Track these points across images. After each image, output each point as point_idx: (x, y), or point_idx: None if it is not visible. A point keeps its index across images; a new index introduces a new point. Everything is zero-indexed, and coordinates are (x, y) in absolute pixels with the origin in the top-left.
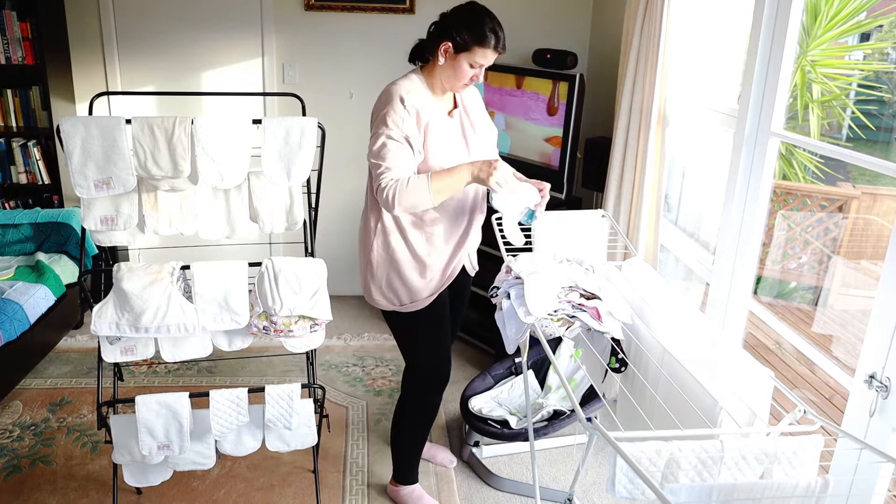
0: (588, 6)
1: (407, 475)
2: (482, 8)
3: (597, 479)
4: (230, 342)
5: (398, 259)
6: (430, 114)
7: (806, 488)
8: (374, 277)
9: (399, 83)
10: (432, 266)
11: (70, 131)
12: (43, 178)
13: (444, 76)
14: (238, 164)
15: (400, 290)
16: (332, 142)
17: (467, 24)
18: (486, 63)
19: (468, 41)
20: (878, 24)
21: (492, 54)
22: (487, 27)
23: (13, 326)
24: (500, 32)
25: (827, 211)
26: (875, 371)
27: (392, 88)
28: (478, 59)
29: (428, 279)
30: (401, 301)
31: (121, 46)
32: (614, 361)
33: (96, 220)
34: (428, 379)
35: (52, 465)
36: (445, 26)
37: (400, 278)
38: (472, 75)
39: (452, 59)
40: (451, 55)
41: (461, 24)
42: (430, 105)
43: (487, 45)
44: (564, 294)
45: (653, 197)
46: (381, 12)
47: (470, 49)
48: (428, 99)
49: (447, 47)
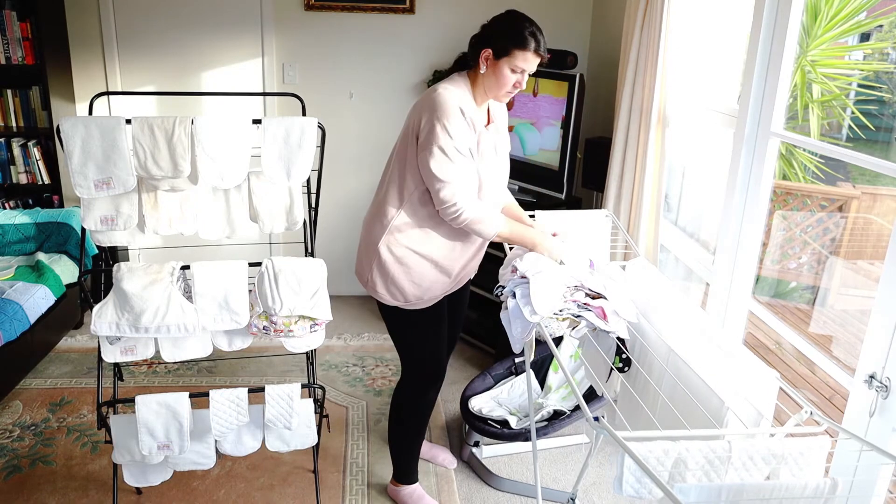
0: (588, 6)
1: (406, 475)
2: (520, 14)
3: (597, 478)
4: (230, 342)
5: (413, 259)
6: (479, 125)
7: (815, 489)
8: (382, 271)
9: (450, 90)
10: (449, 269)
11: (70, 131)
12: (43, 178)
13: (487, 85)
14: (238, 164)
15: (407, 288)
16: (332, 142)
17: (506, 29)
18: (527, 68)
19: (508, 45)
20: (878, 24)
21: (533, 58)
22: (527, 30)
23: (13, 326)
24: (539, 36)
25: (827, 211)
26: (875, 371)
27: (446, 95)
28: (519, 63)
29: (440, 281)
30: (406, 299)
31: (121, 46)
32: (618, 361)
33: (96, 220)
34: (423, 377)
35: (52, 465)
36: (485, 34)
37: (409, 277)
38: (514, 81)
39: (493, 65)
40: (491, 62)
41: (500, 29)
42: (477, 116)
43: (527, 48)
44: (570, 293)
45: (653, 197)
46: (381, 12)
47: (510, 53)
48: (475, 109)
49: (487, 54)
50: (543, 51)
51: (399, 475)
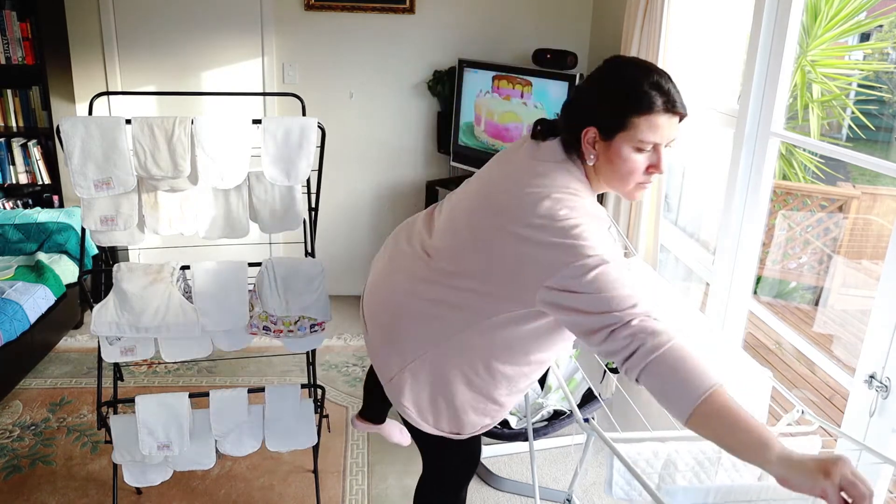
0: (588, 6)
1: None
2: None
3: (597, 479)
4: (230, 342)
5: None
6: None
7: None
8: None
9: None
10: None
11: (70, 131)
12: (43, 178)
13: (607, 179)
14: (238, 164)
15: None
16: (332, 142)
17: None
18: (659, 139)
19: (622, 112)
20: (878, 24)
21: (666, 119)
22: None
23: (13, 326)
24: (667, 85)
25: (827, 211)
26: (875, 371)
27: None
28: (645, 135)
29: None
30: (439, 427)
31: (121, 46)
32: (611, 362)
33: (96, 220)
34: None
35: (52, 465)
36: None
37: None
38: (647, 165)
39: (606, 150)
40: (602, 146)
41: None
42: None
43: (652, 110)
44: None
45: (653, 197)
46: (381, 12)
47: (628, 124)
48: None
49: (592, 135)
50: (681, 106)
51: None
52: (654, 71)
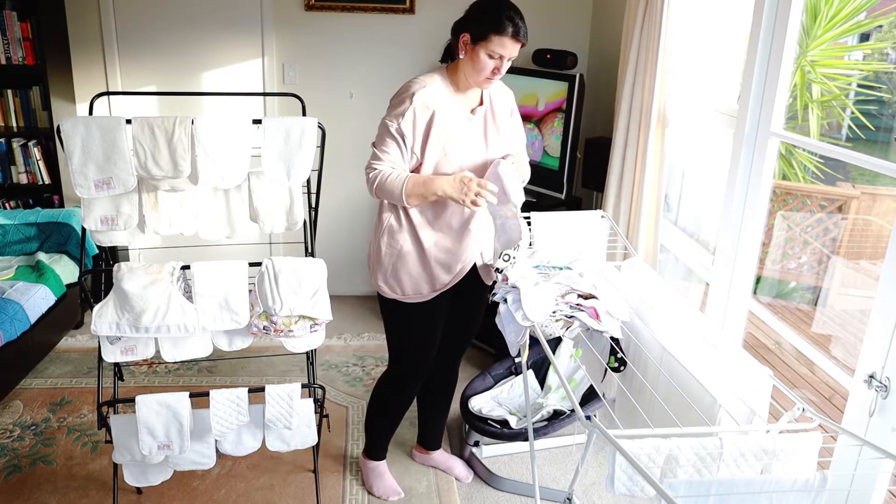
0: (588, 6)
1: (373, 451)
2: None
3: (597, 478)
4: (230, 342)
5: (405, 252)
6: (445, 112)
7: (805, 483)
8: (381, 265)
9: (418, 79)
10: (439, 262)
11: (70, 131)
12: (43, 178)
13: (466, 70)
14: (238, 164)
15: (405, 280)
16: (332, 142)
17: (484, 13)
18: (505, 53)
19: (484, 29)
20: (877, 25)
21: (510, 43)
22: (504, 14)
23: (14, 326)
24: (518, 20)
25: (826, 211)
26: (875, 371)
27: (409, 83)
28: (496, 48)
29: (434, 275)
30: (403, 291)
31: (121, 46)
32: (613, 361)
33: (96, 220)
34: (404, 371)
35: (52, 464)
36: (464, 18)
37: (405, 270)
38: (492, 67)
39: (472, 50)
40: (470, 47)
41: (478, 12)
42: (447, 103)
43: (504, 33)
44: (562, 296)
45: (653, 197)
46: (381, 12)
47: (487, 38)
48: (446, 97)
49: (466, 39)
50: (524, 36)
51: (367, 449)
52: (513, 9)
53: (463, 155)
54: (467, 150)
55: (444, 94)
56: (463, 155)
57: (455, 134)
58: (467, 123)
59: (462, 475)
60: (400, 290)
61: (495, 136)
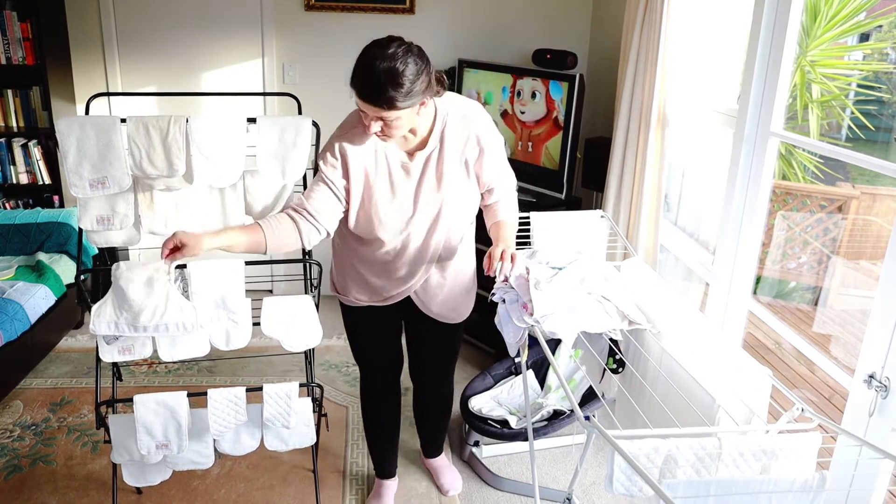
0: (588, 6)
1: (375, 468)
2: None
3: (597, 478)
4: (228, 341)
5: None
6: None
7: (803, 483)
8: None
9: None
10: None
11: (65, 131)
12: (43, 178)
13: None
14: (233, 162)
15: (337, 277)
16: None
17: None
18: (369, 113)
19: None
20: (877, 25)
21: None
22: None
23: (13, 326)
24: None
25: (826, 211)
26: (874, 371)
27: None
28: (361, 107)
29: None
30: (336, 286)
31: (121, 46)
32: (612, 362)
33: (92, 220)
34: (361, 383)
35: (52, 464)
36: None
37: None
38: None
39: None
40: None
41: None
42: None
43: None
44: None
45: (653, 197)
46: (381, 12)
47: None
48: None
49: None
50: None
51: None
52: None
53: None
54: (388, 199)
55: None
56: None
57: (375, 183)
58: (390, 171)
59: (444, 488)
60: (339, 288)
61: (432, 185)
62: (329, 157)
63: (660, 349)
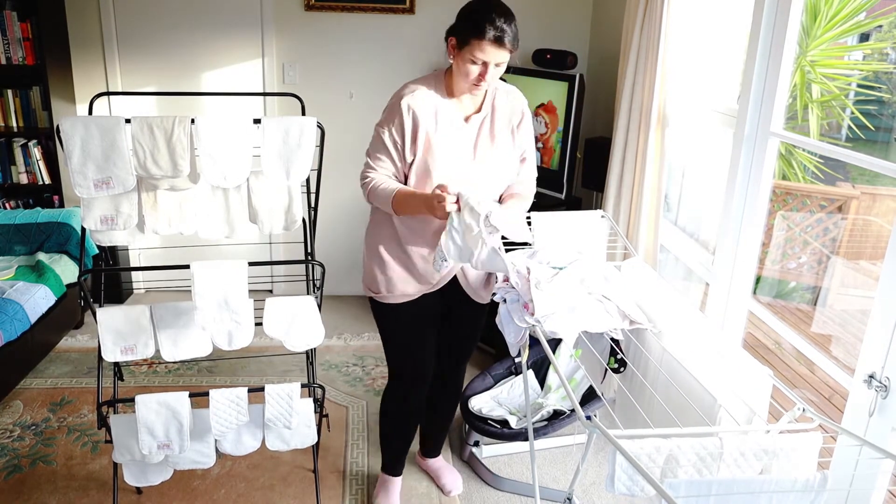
0: (588, 6)
1: (385, 465)
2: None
3: (597, 478)
4: (230, 341)
5: (383, 248)
6: (434, 117)
7: (805, 483)
8: (364, 262)
9: (409, 84)
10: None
11: (69, 131)
12: (43, 178)
13: (454, 77)
14: (240, 163)
15: (378, 277)
16: (332, 142)
17: (467, 17)
18: (488, 59)
19: (467, 34)
20: (877, 25)
21: (492, 49)
22: (487, 19)
23: (14, 326)
24: (502, 24)
25: (826, 211)
26: (874, 371)
27: (400, 89)
28: (478, 53)
29: (407, 275)
30: (377, 289)
31: (121, 46)
32: (613, 362)
33: (96, 220)
34: (397, 378)
35: (52, 464)
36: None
37: (380, 267)
38: (477, 73)
39: (457, 55)
40: (456, 52)
41: (464, 16)
42: (436, 108)
43: (485, 38)
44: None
45: (653, 197)
46: (381, 12)
47: (469, 43)
48: (436, 102)
49: (453, 43)
50: (510, 42)
51: (382, 461)
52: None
53: (446, 163)
54: (451, 157)
55: (433, 99)
56: (446, 163)
57: (439, 141)
58: (454, 131)
59: (446, 488)
60: (382, 288)
61: (487, 147)
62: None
63: (660, 349)
